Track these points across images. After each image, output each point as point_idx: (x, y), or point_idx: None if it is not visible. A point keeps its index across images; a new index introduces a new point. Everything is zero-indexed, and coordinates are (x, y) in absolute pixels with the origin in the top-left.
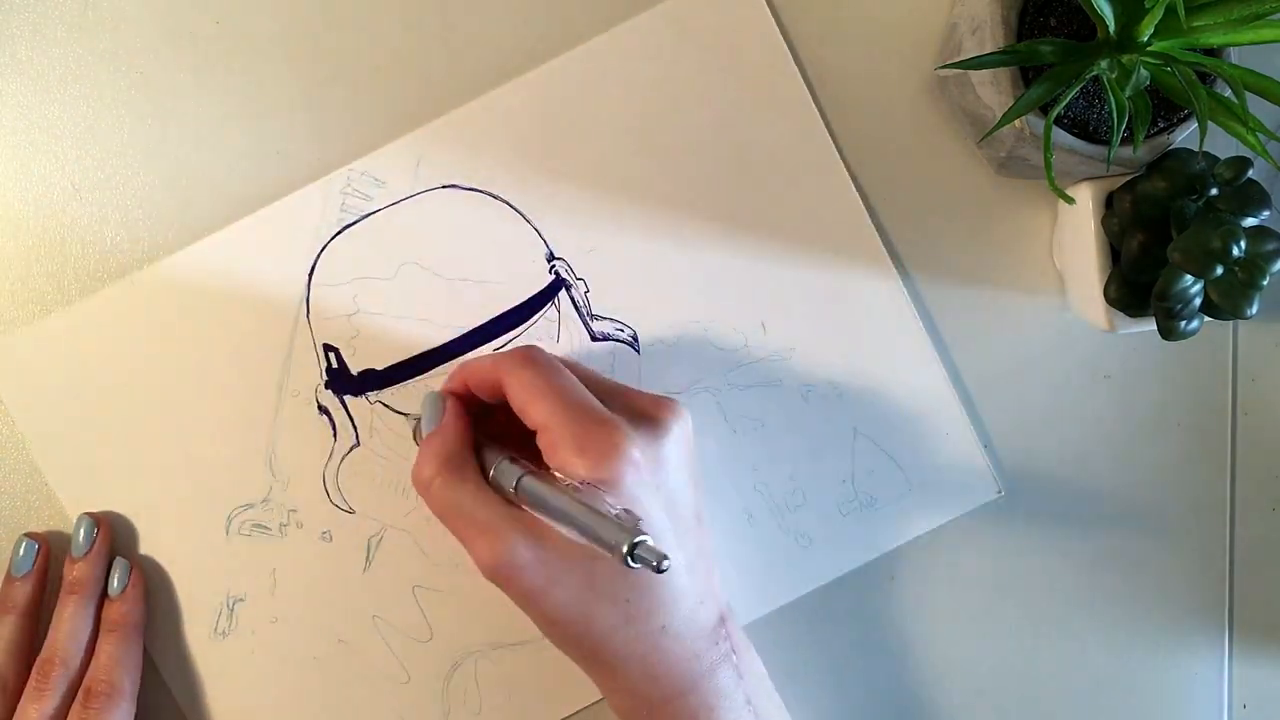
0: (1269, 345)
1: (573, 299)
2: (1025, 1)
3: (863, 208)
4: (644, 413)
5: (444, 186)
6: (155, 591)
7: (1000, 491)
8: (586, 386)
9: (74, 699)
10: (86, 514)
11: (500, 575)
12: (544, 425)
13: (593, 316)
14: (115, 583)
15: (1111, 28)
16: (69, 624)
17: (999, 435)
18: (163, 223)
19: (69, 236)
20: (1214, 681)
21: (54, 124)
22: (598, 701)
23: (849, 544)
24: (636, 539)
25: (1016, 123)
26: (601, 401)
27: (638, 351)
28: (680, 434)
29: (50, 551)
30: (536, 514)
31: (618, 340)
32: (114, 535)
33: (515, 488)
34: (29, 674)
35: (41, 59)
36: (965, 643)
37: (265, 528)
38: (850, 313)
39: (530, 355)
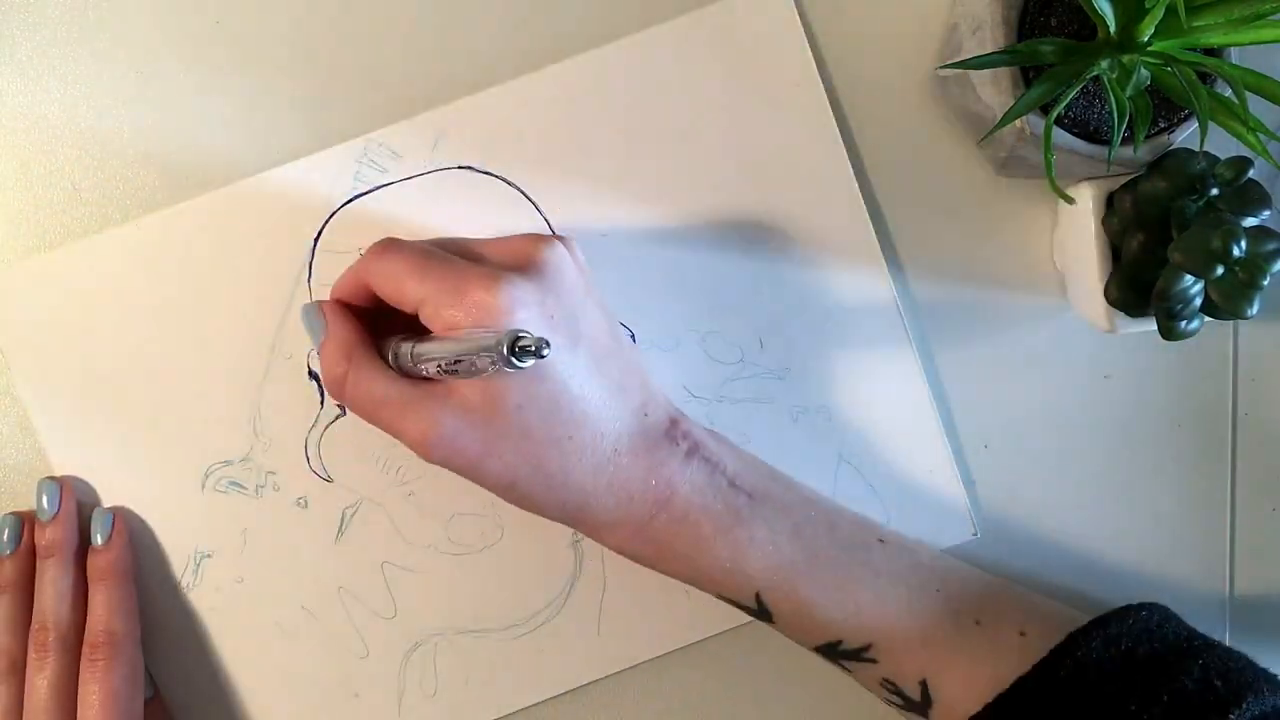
0: (1269, 345)
1: None
2: (1026, 1)
3: (873, 235)
4: (517, 254)
5: (460, 167)
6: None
7: (976, 533)
8: (457, 252)
9: (77, 659)
10: (47, 478)
11: (437, 450)
12: (420, 300)
13: None
14: (99, 534)
15: (1112, 28)
16: (51, 587)
17: (998, 435)
18: None
19: (68, 236)
20: None
21: (54, 124)
22: (553, 698)
23: None
24: (516, 337)
25: (1017, 123)
26: (476, 258)
27: None
28: (557, 262)
29: (33, 526)
30: (439, 375)
31: None
32: (77, 493)
33: (411, 358)
34: None
35: (41, 59)
36: None
37: (242, 486)
38: (849, 340)
39: (385, 243)
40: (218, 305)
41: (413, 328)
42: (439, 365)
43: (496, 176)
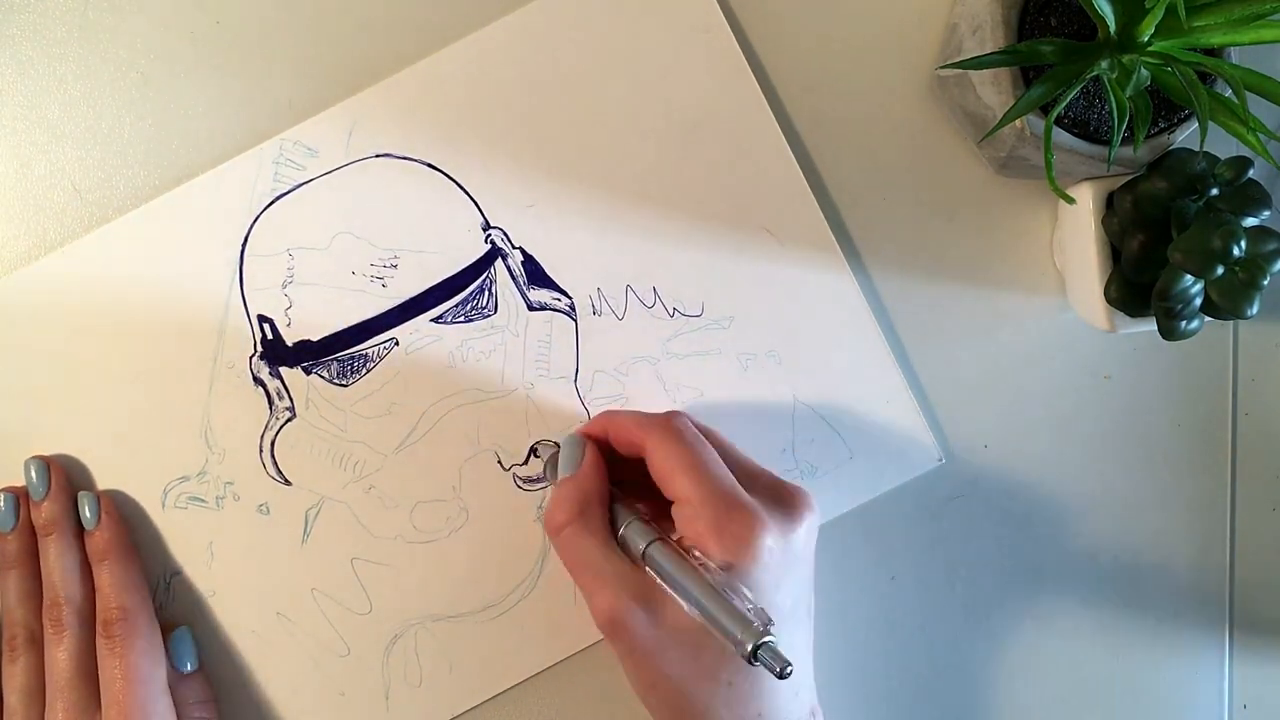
0: (1269, 345)
1: (509, 268)
2: (1026, 1)
3: (804, 182)
4: (780, 500)
5: (377, 155)
6: None
7: (941, 459)
8: (727, 464)
9: (93, 631)
10: (34, 457)
11: (613, 630)
12: (683, 499)
13: (529, 285)
14: (89, 515)
15: (1112, 28)
16: (57, 563)
17: (998, 435)
18: None
19: (70, 237)
20: (1214, 681)
21: (55, 124)
22: (536, 675)
23: None
24: (763, 640)
25: (1017, 123)
26: (741, 482)
27: (574, 320)
28: (811, 526)
29: (30, 501)
30: (660, 581)
31: (555, 309)
32: (68, 471)
33: (643, 554)
34: None
35: (42, 59)
36: (967, 642)
37: (202, 500)
38: (789, 282)
39: (676, 425)
40: (155, 321)
41: (649, 484)
42: (663, 580)
43: (415, 160)
